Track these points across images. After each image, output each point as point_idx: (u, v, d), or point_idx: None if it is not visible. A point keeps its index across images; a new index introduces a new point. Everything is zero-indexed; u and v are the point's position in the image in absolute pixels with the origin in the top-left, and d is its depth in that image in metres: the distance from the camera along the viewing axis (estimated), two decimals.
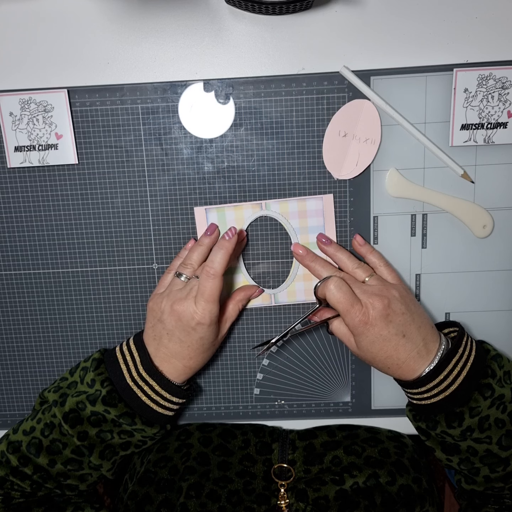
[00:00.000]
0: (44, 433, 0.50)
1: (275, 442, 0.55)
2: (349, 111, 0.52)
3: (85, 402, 0.49)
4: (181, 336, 0.49)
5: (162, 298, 0.51)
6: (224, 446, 0.54)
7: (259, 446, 0.55)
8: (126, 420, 0.49)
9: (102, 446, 0.50)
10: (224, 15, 0.51)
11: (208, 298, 0.48)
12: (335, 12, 0.51)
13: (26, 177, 0.55)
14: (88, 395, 0.49)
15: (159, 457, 0.53)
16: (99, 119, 0.53)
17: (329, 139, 0.53)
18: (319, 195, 0.54)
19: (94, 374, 0.50)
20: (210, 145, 0.54)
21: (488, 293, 0.57)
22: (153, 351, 0.51)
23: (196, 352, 0.50)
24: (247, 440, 0.55)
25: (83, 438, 0.49)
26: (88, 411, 0.49)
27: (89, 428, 0.49)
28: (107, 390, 0.49)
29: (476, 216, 0.54)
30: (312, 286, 0.56)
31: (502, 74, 0.51)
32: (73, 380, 0.52)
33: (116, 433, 0.50)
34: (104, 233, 0.56)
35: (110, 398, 0.49)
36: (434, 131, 0.53)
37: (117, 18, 0.51)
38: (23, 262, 0.57)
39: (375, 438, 0.55)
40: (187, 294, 0.49)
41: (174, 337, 0.49)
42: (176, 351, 0.50)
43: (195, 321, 0.48)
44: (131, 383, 0.49)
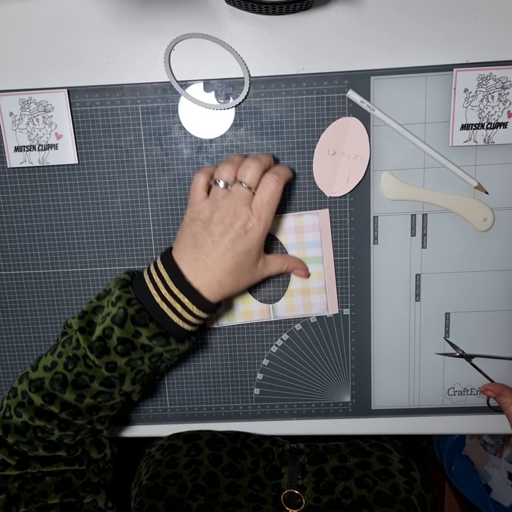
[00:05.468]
0: (67, 367, 0.46)
1: (284, 466, 0.54)
2: (337, 129, 0.52)
3: (112, 327, 0.46)
4: (228, 244, 0.46)
5: (207, 206, 0.48)
6: (233, 466, 0.53)
7: (268, 469, 0.54)
8: (160, 341, 0.46)
9: (133, 373, 0.47)
10: (224, 15, 0.51)
11: (267, 203, 0.46)
12: (335, 12, 0.51)
13: (26, 177, 0.55)
14: (113, 315, 0.46)
15: (169, 473, 0.52)
16: (99, 119, 0.53)
17: (319, 158, 0.53)
18: (316, 210, 0.54)
19: (120, 292, 0.46)
20: (210, 145, 0.54)
21: (488, 293, 0.57)
22: (190, 260, 0.47)
23: (237, 267, 0.47)
24: (256, 462, 0.54)
25: (112, 369, 0.46)
26: (114, 338, 0.45)
27: (118, 358, 0.46)
28: (135, 308, 0.45)
29: (476, 210, 0.54)
30: (311, 300, 0.56)
31: (502, 74, 0.51)
32: (99, 304, 0.48)
33: (147, 359, 0.47)
34: (104, 233, 0.56)
35: (140, 317, 0.45)
36: (434, 131, 0.53)
37: (117, 18, 0.51)
38: (23, 262, 0.57)
39: (387, 471, 0.54)
40: (237, 201, 0.47)
41: (220, 245, 0.47)
42: (219, 260, 0.47)
43: (249, 226, 0.46)
44: (161, 301, 0.46)
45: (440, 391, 0.59)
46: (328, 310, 0.57)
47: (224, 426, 0.60)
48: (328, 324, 0.58)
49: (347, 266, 0.56)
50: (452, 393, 0.59)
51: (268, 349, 0.58)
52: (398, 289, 0.57)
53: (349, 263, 0.56)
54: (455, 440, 1.11)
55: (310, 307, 0.56)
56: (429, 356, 0.58)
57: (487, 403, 0.57)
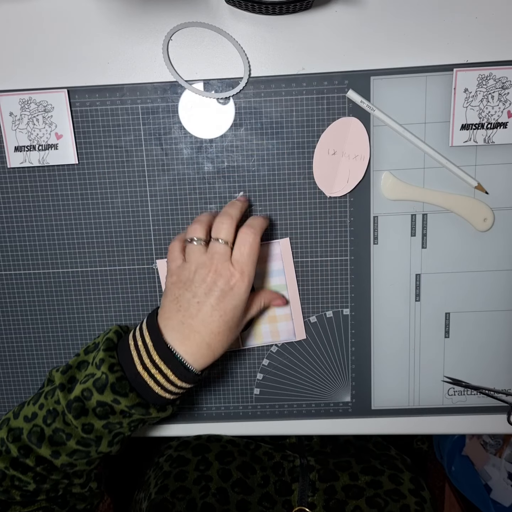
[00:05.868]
0: (46, 421, 0.46)
1: (295, 482, 0.54)
2: (337, 129, 0.52)
3: (91, 390, 0.44)
4: (214, 303, 0.45)
5: (186, 267, 0.47)
6: (243, 481, 0.53)
7: (279, 485, 0.53)
8: (139, 411, 0.45)
9: (111, 436, 0.46)
10: (224, 15, 0.51)
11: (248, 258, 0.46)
12: (335, 12, 0.51)
13: (26, 177, 0.55)
14: (95, 379, 0.45)
15: (177, 486, 0.52)
16: (99, 119, 0.53)
17: (319, 157, 0.53)
18: (276, 240, 0.55)
19: (105, 355, 0.46)
20: (210, 145, 0.54)
21: (488, 293, 0.57)
22: (176, 325, 0.46)
23: (225, 326, 0.46)
24: (266, 477, 0.54)
25: (88, 431, 0.45)
26: (94, 401, 0.44)
27: (95, 420, 0.45)
28: (116, 376, 0.44)
29: (475, 210, 0.54)
30: (277, 327, 0.57)
31: (502, 74, 0.51)
32: (84, 360, 0.48)
33: (126, 424, 0.46)
34: (104, 233, 0.56)
35: (121, 386, 0.44)
36: (434, 131, 0.53)
37: (117, 18, 0.51)
38: (23, 262, 0.57)
39: (398, 491, 0.54)
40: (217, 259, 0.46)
41: (206, 306, 0.45)
42: (206, 321, 0.45)
43: (232, 282, 0.45)
44: (142, 371, 0.45)
45: (440, 391, 0.59)
46: (295, 336, 0.57)
47: (224, 426, 0.60)
48: (328, 324, 0.58)
49: (347, 266, 0.56)
50: (452, 393, 0.59)
51: (268, 349, 0.58)
52: (398, 289, 0.57)
53: (349, 263, 0.56)
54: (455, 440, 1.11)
55: (278, 334, 0.57)
56: (429, 356, 0.58)
57: (508, 420, 0.57)
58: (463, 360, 0.58)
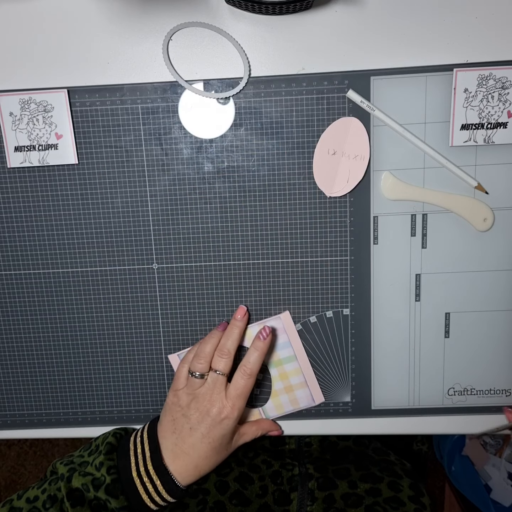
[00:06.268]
0: (45, 505, 0.49)
1: (293, 492, 0.54)
2: (337, 129, 0.52)
3: (89, 486, 0.48)
4: (204, 431, 0.50)
5: (186, 393, 0.52)
6: (241, 493, 0.53)
7: (277, 495, 0.54)
8: None
9: None
10: (224, 15, 0.51)
11: (240, 395, 0.50)
12: (335, 12, 0.51)
13: (26, 177, 0.55)
14: (94, 478, 0.49)
15: (176, 504, 0.53)
16: (99, 119, 0.53)
17: (319, 158, 0.53)
18: (277, 315, 0.57)
19: (104, 458, 0.50)
20: (210, 145, 0.54)
21: (488, 293, 0.57)
22: (169, 445, 0.50)
23: (213, 451, 0.50)
24: (264, 486, 0.54)
25: None
26: (91, 494, 0.48)
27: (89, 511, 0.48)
28: (111, 478, 0.48)
29: (476, 210, 0.54)
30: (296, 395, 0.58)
31: (502, 74, 0.51)
32: (86, 460, 0.51)
33: None
34: (104, 233, 0.56)
35: (114, 488, 0.48)
36: (434, 131, 0.53)
37: (117, 18, 0.51)
38: (23, 262, 0.57)
39: (397, 498, 0.54)
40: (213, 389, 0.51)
41: (197, 432, 0.50)
42: (195, 447, 0.50)
43: (224, 415, 0.50)
44: (136, 477, 0.49)
45: (440, 391, 0.59)
46: (314, 401, 0.58)
47: None
48: (328, 324, 0.58)
49: (347, 266, 0.56)
50: (452, 393, 0.59)
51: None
52: (398, 289, 0.57)
53: (349, 263, 0.56)
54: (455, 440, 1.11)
55: (297, 402, 0.58)
56: (429, 356, 0.58)
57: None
58: (463, 360, 0.58)
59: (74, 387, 0.60)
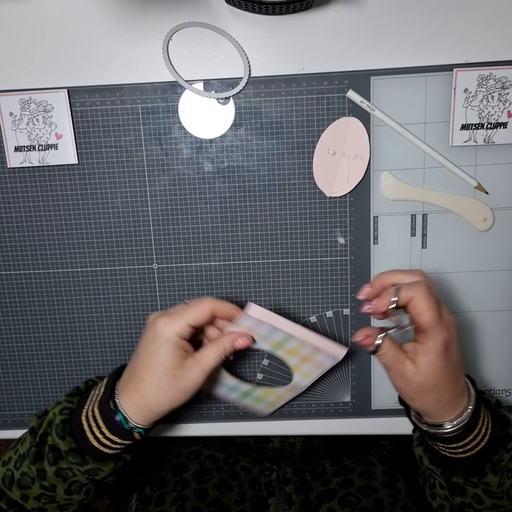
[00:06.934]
0: (16, 465, 0.47)
1: (271, 497, 0.54)
2: (337, 129, 0.52)
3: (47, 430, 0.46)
4: (138, 348, 0.46)
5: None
6: (219, 500, 0.53)
7: (255, 501, 0.53)
8: (75, 458, 0.45)
9: (66, 484, 0.46)
10: (224, 15, 0.51)
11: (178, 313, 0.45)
12: (335, 12, 0.51)
13: (26, 177, 0.55)
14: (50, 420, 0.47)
15: (158, 511, 0.52)
16: (99, 119, 0.53)
17: (319, 158, 0.53)
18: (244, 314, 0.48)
19: (64, 399, 0.48)
20: (210, 145, 0.54)
21: (488, 293, 0.57)
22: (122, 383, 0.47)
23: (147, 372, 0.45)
24: (243, 493, 0.54)
25: (42, 477, 0.46)
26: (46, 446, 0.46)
27: (47, 466, 0.46)
28: (61, 418, 0.46)
29: (476, 210, 0.54)
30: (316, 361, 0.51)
31: (502, 74, 0.51)
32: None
33: (78, 472, 0.46)
34: (104, 233, 0.56)
35: (62, 429, 0.45)
36: (434, 131, 0.53)
37: (117, 18, 0.51)
38: (23, 262, 0.57)
39: (370, 486, 0.54)
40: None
41: (135, 355, 0.47)
42: (133, 367, 0.46)
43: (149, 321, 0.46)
44: (84, 418, 0.46)
45: None
46: (337, 357, 0.51)
47: (224, 427, 0.60)
48: (328, 324, 0.58)
49: (347, 266, 0.56)
50: None
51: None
52: None
53: (349, 263, 0.56)
54: None
55: (321, 365, 0.52)
56: None
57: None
58: (464, 360, 0.58)
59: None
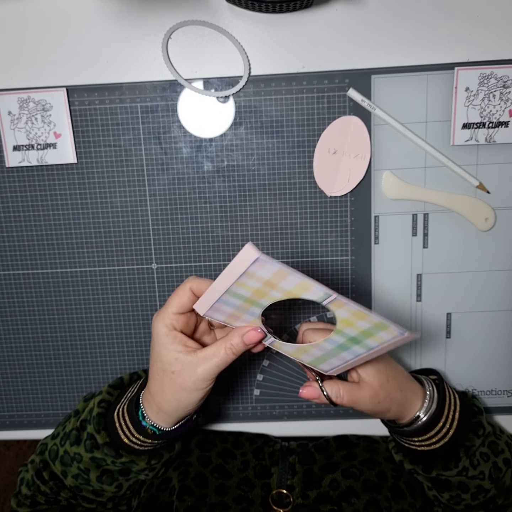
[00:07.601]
0: (61, 442, 0.50)
1: (274, 466, 0.54)
2: (337, 128, 0.52)
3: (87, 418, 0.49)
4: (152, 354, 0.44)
5: None
6: (222, 467, 0.53)
7: (258, 469, 0.53)
8: (109, 452, 0.46)
9: (99, 472, 0.48)
10: (224, 13, 0.51)
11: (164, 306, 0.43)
12: (335, 11, 0.51)
13: (24, 176, 0.55)
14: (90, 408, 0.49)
15: (161, 480, 0.53)
16: (98, 118, 0.53)
17: (319, 157, 0.53)
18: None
19: (105, 389, 0.50)
20: (209, 144, 0.53)
21: (489, 293, 0.56)
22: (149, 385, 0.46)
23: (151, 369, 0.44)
24: (246, 461, 0.54)
25: (79, 460, 0.49)
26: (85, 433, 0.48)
27: (83, 451, 0.48)
28: (98, 412, 0.48)
29: (477, 209, 0.54)
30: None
31: (504, 73, 0.50)
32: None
33: (110, 461, 0.47)
34: (103, 233, 0.56)
35: (98, 422, 0.47)
36: (435, 130, 0.53)
37: (117, 17, 0.51)
38: (23, 262, 0.57)
39: (373, 459, 0.54)
40: None
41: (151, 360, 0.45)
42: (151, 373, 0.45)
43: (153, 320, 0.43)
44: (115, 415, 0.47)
45: None
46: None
47: (224, 427, 0.60)
48: None
49: (347, 266, 0.56)
50: None
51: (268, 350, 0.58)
52: (399, 289, 0.56)
53: (350, 263, 0.56)
54: None
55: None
56: (430, 356, 0.58)
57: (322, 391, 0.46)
58: (464, 360, 0.58)
59: (74, 387, 0.60)
